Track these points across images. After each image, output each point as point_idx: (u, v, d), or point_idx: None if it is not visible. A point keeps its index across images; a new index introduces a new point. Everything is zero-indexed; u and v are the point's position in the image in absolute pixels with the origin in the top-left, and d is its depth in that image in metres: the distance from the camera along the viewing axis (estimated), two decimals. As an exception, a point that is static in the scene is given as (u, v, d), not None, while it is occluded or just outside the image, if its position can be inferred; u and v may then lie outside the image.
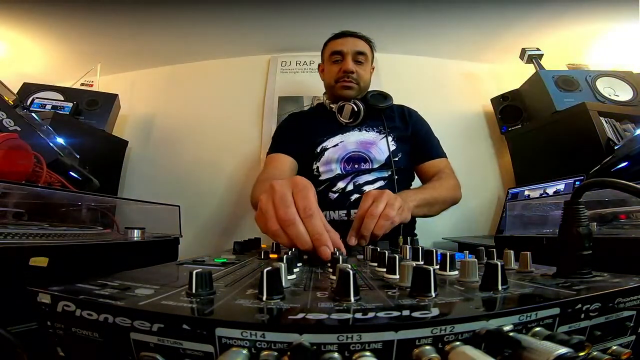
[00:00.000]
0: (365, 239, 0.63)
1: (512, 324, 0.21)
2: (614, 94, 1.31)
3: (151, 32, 1.56)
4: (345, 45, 1.04)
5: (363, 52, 1.05)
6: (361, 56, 1.05)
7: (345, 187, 0.97)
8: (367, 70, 1.08)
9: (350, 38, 1.06)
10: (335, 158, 1.00)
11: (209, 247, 1.48)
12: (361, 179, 0.98)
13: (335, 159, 1.00)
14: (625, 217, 0.68)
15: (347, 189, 0.97)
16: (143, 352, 0.21)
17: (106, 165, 1.48)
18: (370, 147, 1.01)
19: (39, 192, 0.63)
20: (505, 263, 0.40)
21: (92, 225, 0.74)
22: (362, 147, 1.01)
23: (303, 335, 0.19)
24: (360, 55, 1.04)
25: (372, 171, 0.99)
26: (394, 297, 0.26)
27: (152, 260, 0.47)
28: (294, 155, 1.02)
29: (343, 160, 1.00)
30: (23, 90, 1.46)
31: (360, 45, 1.05)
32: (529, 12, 1.43)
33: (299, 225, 0.45)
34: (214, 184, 1.61)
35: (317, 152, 1.01)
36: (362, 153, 1.01)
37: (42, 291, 0.25)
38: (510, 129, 1.54)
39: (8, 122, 0.74)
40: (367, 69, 1.08)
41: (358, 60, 1.04)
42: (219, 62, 1.80)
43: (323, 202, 0.95)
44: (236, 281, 0.33)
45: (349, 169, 0.99)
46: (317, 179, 0.99)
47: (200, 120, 1.71)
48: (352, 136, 1.02)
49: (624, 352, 0.25)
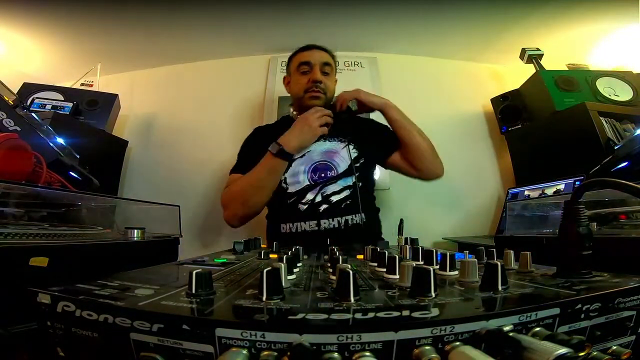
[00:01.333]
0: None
1: (512, 324, 0.21)
2: (614, 94, 1.31)
3: (151, 32, 1.56)
4: (312, 57, 1.08)
5: (329, 63, 1.10)
6: (327, 67, 1.09)
7: (314, 198, 1.00)
8: (333, 81, 1.12)
9: (317, 50, 1.10)
10: (302, 169, 1.02)
11: (209, 247, 1.48)
12: (328, 190, 1.01)
13: (302, 170, 1.02)
14: (625, 217, 0.68)
15: (316, 199, 1.00)
16: (143, 352, 0.21)
17: (106, 165, 1.48)
18: (334, 156, 1.04)
19: (39, 192, 0.63)
20: (505, 263, 0.40)
21: (92, 225, 0.74)
22: (327, 157, 1.04)
23: (303, 335, 0.19)
24: (326, 66, 1.09)
25: (338, 180, 1.02)
26: (394, 297, 0.26)
27: (152, 260, 0.47)
28: None
29: (310, 171, 1.02)
30: (23, 90, 1.45)
31: (326, 57, 1.10)
32: (529, 12, 1.43)
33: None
34: (213, 184, 1.60)
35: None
36: (328, 162, 1.04)
37: (42, 291, 0.25)
38: (510, 129, 1.54)
39: (8, 122, 0.74)
40: (333, 80, 1.13)
41: (324, 72, 1.08)
42: (219, 62, 1.80)
43: (293, 214, 0.99)
44: (236, 281, 0.33)
45: (316, 178, 1.02)
46: (284, 191, 1.01)
47: (200, 120, 1.71)
48: (317, 146, 1.04)
49: (624, 352, 0.25)
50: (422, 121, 1.16)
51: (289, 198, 1.01)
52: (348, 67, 1.70)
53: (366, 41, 1.69)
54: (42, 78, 1.58)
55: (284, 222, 1.00)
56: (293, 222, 0.99)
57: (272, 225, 1.06)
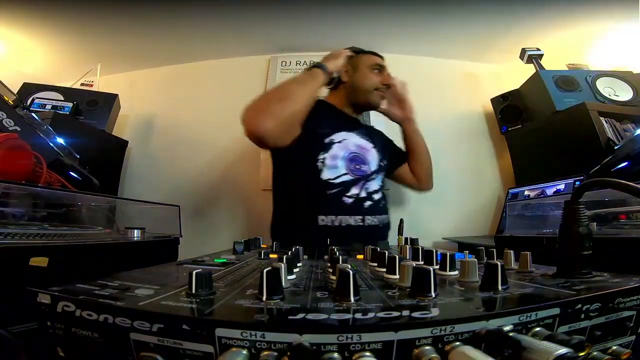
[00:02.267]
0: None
1: (512, 324, 0.21)
2: (614, 94, 1.31)
3: (151, 32, 1.56)
4: (384, 64, 1.13)
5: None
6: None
7: (359, 193, 0.98)
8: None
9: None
10: (341, 154, 1.00)
11: (209, 247, 1.47)
12: (370, 187, 1.01)
13: (341, 156, 1.00)
14: (625, 217, 0.68)
15: (361, 195, 0.99)
16: (143, 352, 0.21)
17: (106, 165, 1.47)
18: (367, 153, 1.05)
19: (39, 192, 0.63)
20: (505, 263, 0.40)
21: (92, 225, 0.74)
22: (361, 151, 1.05)
23: (303, 336, 0.19)
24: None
25: (375, 178, 1.04)
26: (394, 297, 0.26)
27: (152, 260, 0.47)
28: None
29: (348, 158, 1.01)
30: (23, 90, 1.45)
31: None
32: (529, 12, 1.43)
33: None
34: (213, 184, 1.60)
35: (326, 143, 0.99)
36: (361, 156, 1.04)
37: (42, 291, 0.25)
38: (510, 129, 1.54)
39: (8, 122, 0.74)
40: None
41: None
42: (219, 62, 1.80)
43: (337, 206, 0.95)
44: (236, 281, 0.33)
45: (352, 168, 1.01)
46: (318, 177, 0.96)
47: (200, 120, 1.70)
48: (352, 137, 1.04)
49: (624, 352, 0.25)
50: (422, 121, 1.17)
51: (331, 189, 0.95)
52: (348, 67, 1.70)
53: (366, 41, 1.69)
54: (42, 78, 1.58)
55: (324, 214, 0.93)
56: (336, 215, 0.94)
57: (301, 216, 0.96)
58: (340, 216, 0.94)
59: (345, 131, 1.03)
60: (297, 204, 0.99)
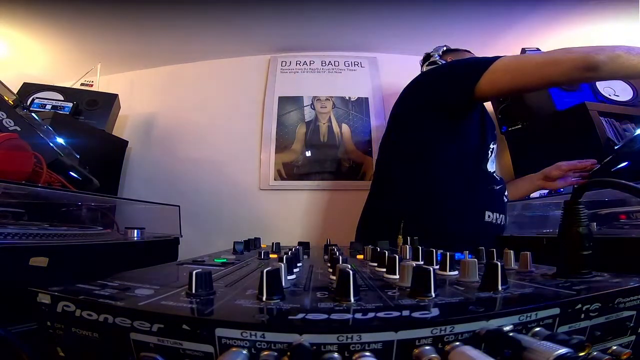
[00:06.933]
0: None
1: (512, 324, 0.21)
2: (614, 94, 1.31)
3: (151, 32, 1.56)
4: None
5: None
6: None
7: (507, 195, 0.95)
8: None
9: None
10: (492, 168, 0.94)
11: (209, 247, 1.47)
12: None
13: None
14: (625, 217, 0.68)
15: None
16: (143, 352, 0.21)
17: (106, 165, 1.47)
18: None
19: (39, 192, 0.63)
20: (505, 263, 0.40)
21: (92, 225, 0.74)
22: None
23: (303, 336, 0.19)
24: None
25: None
26: (394, 297, 0.26)
27: (152, 260, 0.47)
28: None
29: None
30: (23, 90, 1.45)
31: None
32: (529, 12, 1.42)
33: None
34: (213, 184, 1.60)
35: (489, 153, 0.93)
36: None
37: (42, 291, 0.25)
38: (510, 129, 1.54)
39: (8, 122, 0.74)
40: None
41: None
42: (219, 62, 1.79)
43: (501, 204, 0.89)
44: (236, 281, 0.33)
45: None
46: (481, 168, 0.87)
47: (200, 120, 1.70)
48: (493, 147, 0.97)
49: (624, 352, 0.25)
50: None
51: (496, 184, 0.88)
52: (348, 67, 1.70)
53: (366, 41, 1.69)
54: (42, 78, 1.58)
55: (491, 210, 0.84)
56: (499, 213, 0.86)
57: (461, 209, 0.83)
58: (502, 214, 0.88)
59: (493, 141, 0.96)
60: (449, 194, 0.84)
